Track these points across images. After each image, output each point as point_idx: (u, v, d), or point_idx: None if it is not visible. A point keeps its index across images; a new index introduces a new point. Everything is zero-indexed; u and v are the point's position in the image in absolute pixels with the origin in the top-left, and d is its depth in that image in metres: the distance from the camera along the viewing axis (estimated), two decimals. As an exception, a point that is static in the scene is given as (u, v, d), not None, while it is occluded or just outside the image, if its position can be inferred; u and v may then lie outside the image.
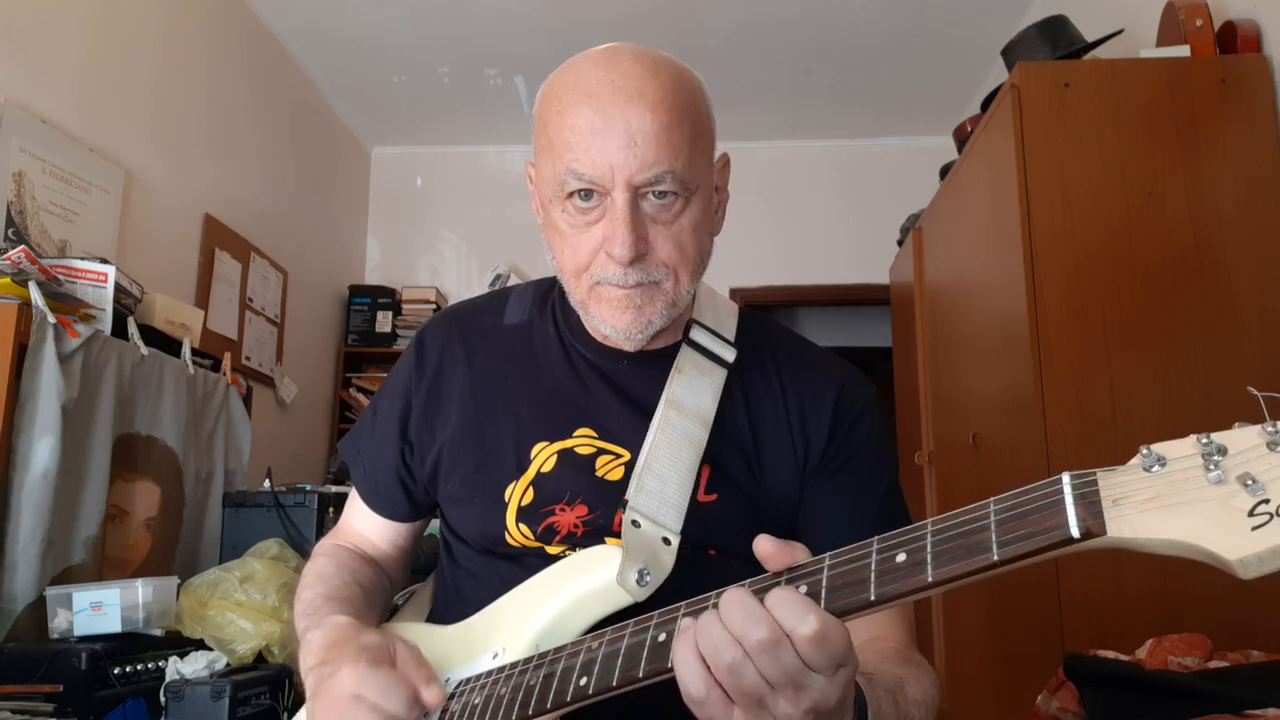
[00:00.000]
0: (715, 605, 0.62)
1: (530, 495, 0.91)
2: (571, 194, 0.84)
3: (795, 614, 0.58)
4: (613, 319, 0.87)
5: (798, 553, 0.65)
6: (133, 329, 2.30)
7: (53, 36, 2.55)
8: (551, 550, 0.89)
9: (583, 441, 0.92)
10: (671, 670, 0.63)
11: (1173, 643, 1.36)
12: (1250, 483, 0.48)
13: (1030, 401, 1.99)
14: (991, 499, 0.57)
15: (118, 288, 2.24)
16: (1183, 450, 0.52)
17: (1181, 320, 1.96)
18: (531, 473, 0.91)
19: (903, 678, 0.79)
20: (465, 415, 0.96)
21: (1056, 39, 2.30)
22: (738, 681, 0.58)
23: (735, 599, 0.60)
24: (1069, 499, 0.53)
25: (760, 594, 0.61)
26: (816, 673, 0.58)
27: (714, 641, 0.59)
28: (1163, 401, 1.92)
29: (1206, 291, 1.97)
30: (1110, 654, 1.39)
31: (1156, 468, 0.52)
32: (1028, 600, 2.06)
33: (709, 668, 0.60)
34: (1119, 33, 2.35)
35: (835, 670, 0.59)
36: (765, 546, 0.65)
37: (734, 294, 4.53)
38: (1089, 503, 0.52)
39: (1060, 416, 1.95)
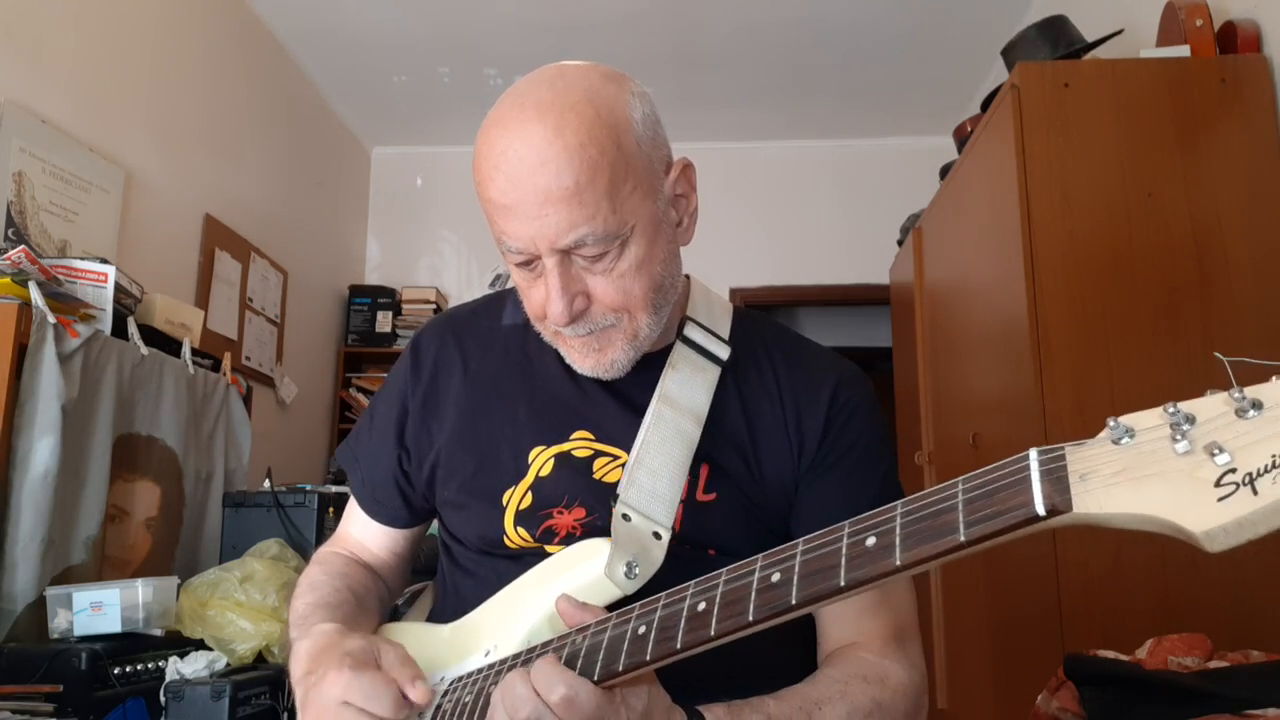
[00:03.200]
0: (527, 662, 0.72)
1: (529, 500, 0.91)
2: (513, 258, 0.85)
3: (546, 684, 0.67)
4: (578, 360, 0.89)
5: (586, 614, 0.74)
6: (133, 329, 2.30)
7: (52, 36, 2.55)
8: (551, 550, 0.89)
9: (580, 444, 0.92)
10: (651, 661, 0.66)
11: (1173, 643, 1.36)
12: (1217, 452, 0.46)
13: (1030, 401, 1.99)
14: (961, 478, 0.56)
15: (118, 288, 2.24)
16: (1151, 421, 0.51)
17: (1181, 320, 1.96)
18: (530, 477, 0.91)
19: (823, 698, 0.79)
20: (462, 420, 0.96)
21: (1056, 39, 2.30)
22: None
23: (507, 681, 0.69)
24: (1035, 476, 0.52)
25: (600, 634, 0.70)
26: None
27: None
28: (1162, 401, 1.91)
29: (1206, 291, 1.97)
30: (1110, 654, 1.38)
31: (1125, 440, 0.50)
32: (1028, 600, 2.06)
33: None
34: (1119, 33, 2.35)
35: None
36: (563, 605, 0.75)
37: (734, 294, 4.53)
38: (1056, 479, 0.51)
39: (1060, 416, 1.94)
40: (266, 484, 2.53)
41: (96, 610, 1.84)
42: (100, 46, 2.76)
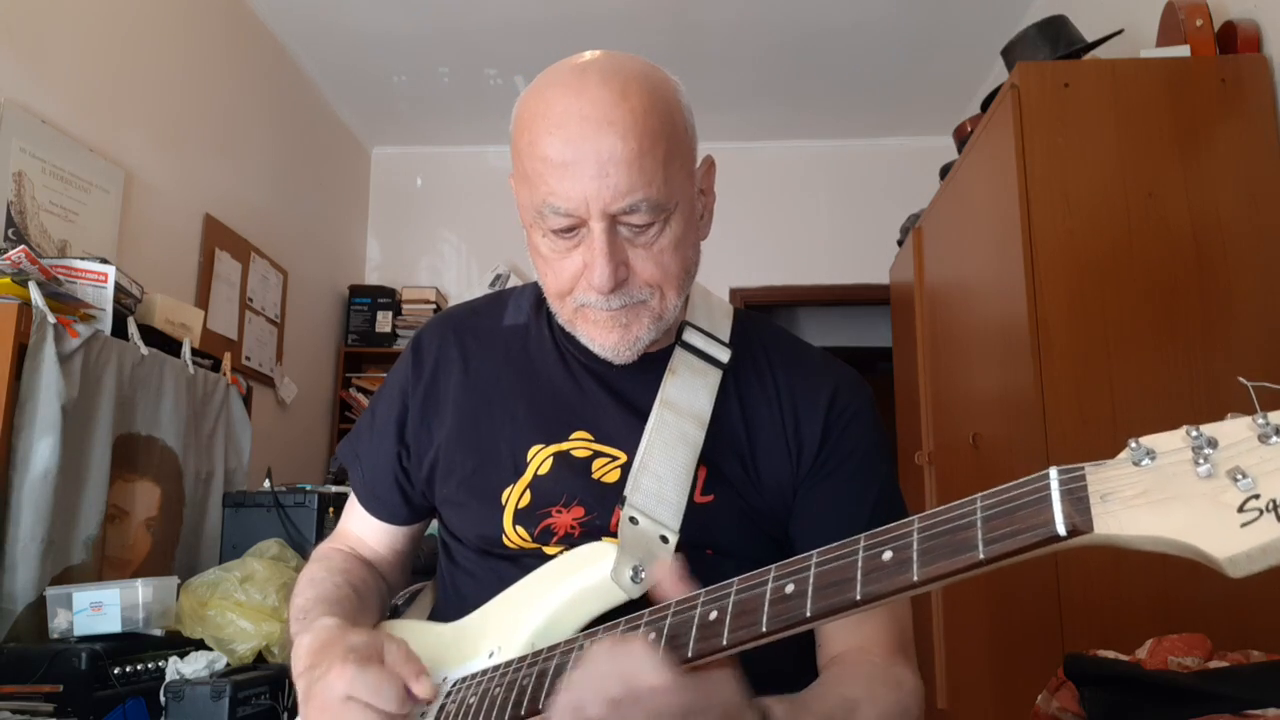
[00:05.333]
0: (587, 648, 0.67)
1: (527, 498, 0.90)
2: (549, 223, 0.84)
3: (637, 668, 0.62)
4: (600, 338, 0.87)
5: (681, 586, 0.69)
6: (133, 329, 2.30)
7: (53, 36, 2.55)
8: (549, 551, 0.89)
9: (579, 444, 0.92)
10: None
11: (1173, 643, 1.36)
12: (1240, 477, 0.46)
13: (1030, 401, 1.99)
14: (979, 495, 0.56)
15: (118, 288, 2.24)
16: (1172, 444, 0.50)
17: (1181, 320, 1.96)
18: (528, 476, 0.91)
19: (855, 700, 0.79)
20: (461, 418, 0.96)
21: (1056, 39, 2.30)
22: None
23: (591, 655, 0.65)
24: (1056, 495, 0.52)
25: (657, 623, 0.66)
26: None
27: (576, 698, 0.64)
28: (1163, 402, 1.92)
29: (1206, 291, 1.97)
30: (1110, 654, 1.38)
31: (1146, 461, 0.50)
32: (1028, 600, 2.06)
33: None
34: (1119, 33, 2.35)
35: (685, 718, 0.62)
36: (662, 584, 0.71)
37: (734, 294, 4.53)
38: (1076, 499, 0.51)
39: (1060, 416, 1.94)
40: (266, 484, 2.53)
41: (96, 610, 1.84)
42: (100, 46, 2.76)
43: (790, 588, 0.62)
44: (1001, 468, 2.25)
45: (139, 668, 1.81)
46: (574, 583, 0.82)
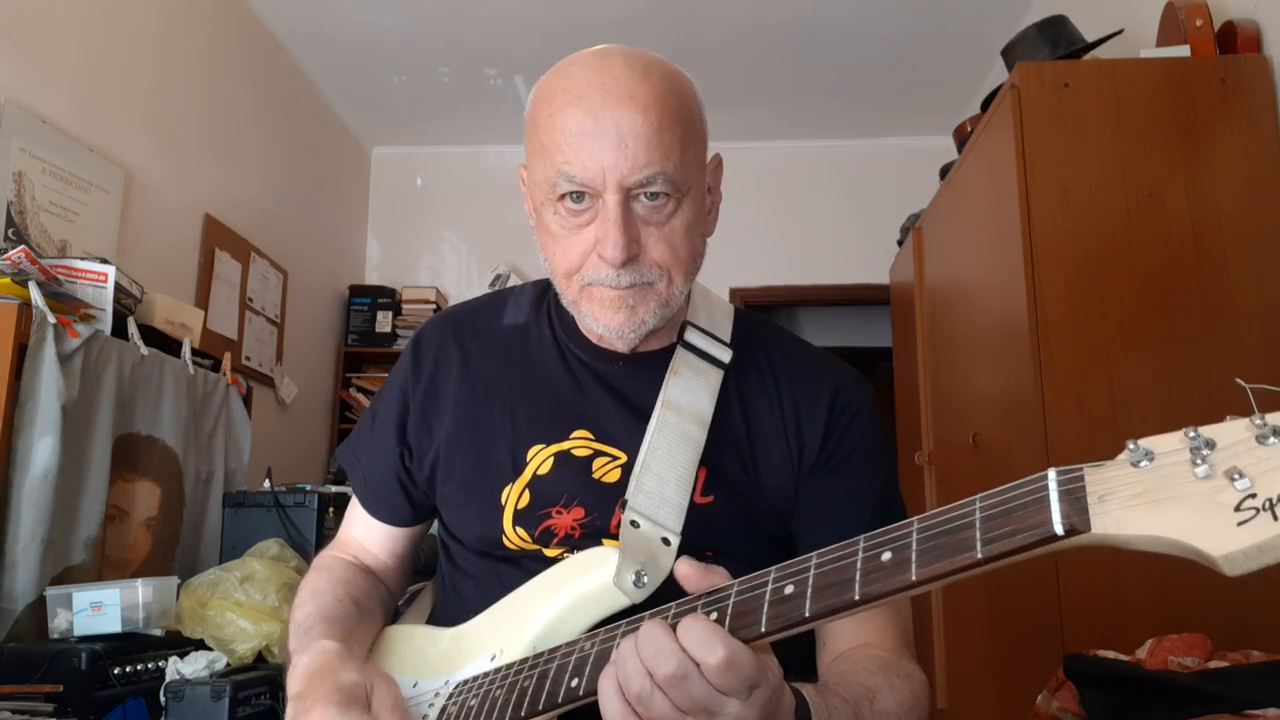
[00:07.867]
0: (636, 631, 0.65)
1: (526, 498, 0.90)
2: (563, 196, 0.84)
3: (703, 644, 0.61)
4: (605, 318, 0.87)
5: (715, 576, 0.68)
6: (133, 329, 2.30)
7: (53, 36, 2.55)
8: (549, 553, 0.89)
9: (579, 443, 0.91)
10: None
11: (1173, 643, 1.36)
12: (1237, 477, 0.47)
13: (1030, 401, 1.99)
14: (978, 495, 0.56)
15: (118, 288, 2.24)
16: (1170, 445, 0.51)
17: (1181, 320, 1.96)
18: (528, 475, 0.91)
19: (874, 688, 0.79)
20: (461, 418, 0.96)
21: (1056, 39, 2.30)
22: (648, 711, 0.62)
23: (648, 632, 0.63)
24: (1054, 496, 0.52)
25: (714, 606, 0.64)
26: (729, 697, 0.61)
27: (627, 672, 0.63)
28: (1163, 401, 1.92)
29: (1206, 291, 1.97)
30: (1110, 654, 1.38)
31: (1144, 462, 0.51)
32: (1028, 600, 2.06)
33: (625, 697, 0.63)
34: (1119, 33, 2.35)
35: (749, 692, 0.62)
36: (683, 569, 0.69)
37: (734, 294, 4.54)
38: (1074, 499, 0.51)
39: (1060, 416, 1.94)
40: (266, 484, 2.53)
41: (96, 610, 1.84)
42: (101, 46, 2.76)
43: (790, 589, 0.62)
44: (1001, 468, 2.25)
45: (139, 668, 1.81)
46: (577, 587, 0.81)
